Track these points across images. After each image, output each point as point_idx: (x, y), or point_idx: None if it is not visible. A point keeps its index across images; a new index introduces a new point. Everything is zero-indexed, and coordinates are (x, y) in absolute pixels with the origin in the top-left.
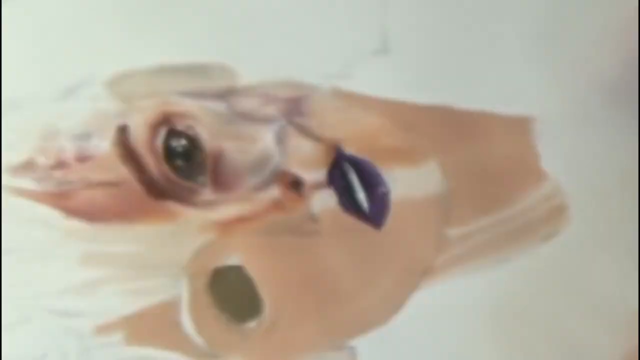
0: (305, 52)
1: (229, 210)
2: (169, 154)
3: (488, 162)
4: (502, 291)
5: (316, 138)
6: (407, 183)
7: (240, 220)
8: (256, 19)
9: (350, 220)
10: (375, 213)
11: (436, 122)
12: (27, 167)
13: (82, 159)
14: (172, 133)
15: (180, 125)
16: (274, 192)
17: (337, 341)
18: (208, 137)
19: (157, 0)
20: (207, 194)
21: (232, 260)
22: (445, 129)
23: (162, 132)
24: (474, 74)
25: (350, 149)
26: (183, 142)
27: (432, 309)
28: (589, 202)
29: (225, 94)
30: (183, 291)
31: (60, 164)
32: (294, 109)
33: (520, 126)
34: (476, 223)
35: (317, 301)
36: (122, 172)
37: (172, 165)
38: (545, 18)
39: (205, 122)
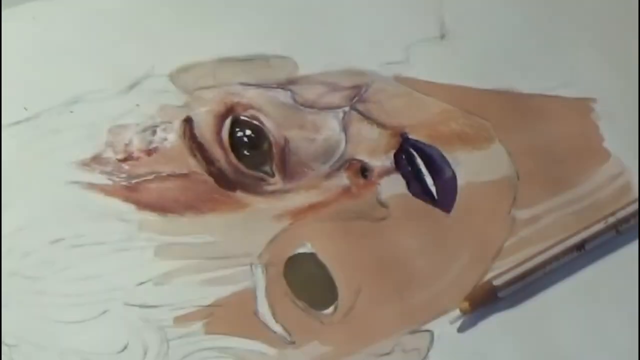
0: (364, 40)
1: (299, 198)
2: (235, 144)
3: (552, 144)
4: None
5: (380, 124)
6: (474, 167)
7: (311, 208)
8: (315, 9)
9: (419, 205)
10: (443, 197)
11: (499, 106)
12: (96, 161)
13: (150, 151)
14: (237, 123)
15: (244, 115)
16: (343, 179)
17: (413, 325)
18: (273, 126)
19: None
20: (275, 183)
21: (306, 247)
22: (509, 113)
23: (227, 123)
24: (534, 58)
25: (414, 135)
26: (248, 131)
27: None
28: None
29: (287, 84)
30: (258, 280)
31: (129, 157)
32: (357, 96)
33: (582, 108)
34: (544, 205)
35: (392, 286)
36: (191, 163)
37: (239, 155)
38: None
39: (269, 112)
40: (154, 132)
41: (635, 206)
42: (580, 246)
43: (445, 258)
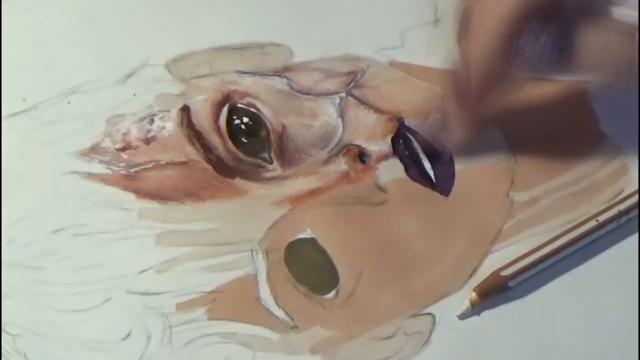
0: (359, 26)
1: (298, 184)
2: (233, 132)
3: (548, 127)
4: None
5: (377, 109)
6: (472, 151)
7: (311, 193)
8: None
9: (417, 189)
10: (441, 181)
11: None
12: (95, 151)
13: (147, 140)
14: (234, 111)
15: (241, 103)
16: (341, 164)
17: (415, 309)
18: (270, 113)
19: None
20: (274, 169)
21: (306, 233)
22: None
23: (224, 111)
24: None
25: (411, 119)
26: (245, 119)
27: None
28: None
29: (283, 71)
30: (259, 266)
31: (127, 147)
32: (353, 82)
33: (577, 91)
34: (542, 187)
35: (392, 269)
36: (189, 151)
37: (237, 142)
38: None
39: (265, 99)
40: (152, 121)
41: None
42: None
43: (444, 241)
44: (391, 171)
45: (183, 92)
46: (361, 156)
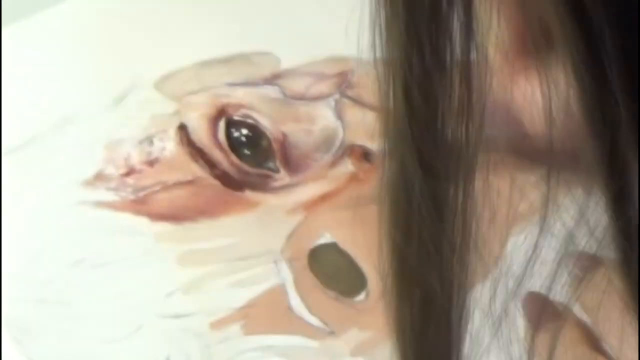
0: (340, 27)
1: (309, 190)
2: (234, 145)
3: None
4: None
5: (373, 107)
6: None
7: (323, 198)
8: (289, 3)
9: None
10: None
11: None
12: (99, 179)
13: (151, 162)
14: (232, 124)
15: (237, 115)
16: (348, 166)
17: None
18: (268, 122)
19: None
20: (282, 178)
21: (325, 238)
22: None
23: (222, 125)
24: None
25: None
26: (244, 131)
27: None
28: None
29: (273, 79)
30: (286, 275)
31: (131, 171)
32: (344, 82)
33: None
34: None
35: None
36: (194, 169)
37: (240, 155)
38: None
39: (261, 109)
40: (151, 143)
41: None
42: None
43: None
44: None
45: (177, 111)
46: (366, 156)
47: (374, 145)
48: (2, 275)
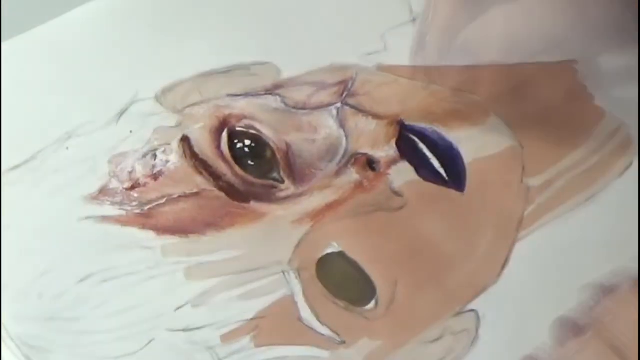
0: (339, 35)
1: (315, 200)
2: (237, 156)
3: (547, 110)
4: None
5: (375, 115)
6: (477, 143)
7: (329, 207)
8: (286, 12)
9: (433, 189)
10: (453, 177)
11: (485, 79)
12: (104, 193)
13: (155, 176)
14: (234, 135)
15: (239, 126)
16: (353, 175)
17: (457, 307)
18: (270, 132)
19: (188, 10)
20: (287, 188)
21: (333, 247)
22: (496, 85)
23: (224, 136)
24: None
25: (410, 120)
26: (247, 141)
27: (538, 259)
28: None
29: (274, 89)
30: (294, 286)
31: (136, 185)
32: (345, 91)
33: (566, 71)
34: (553, 169)
35: (426, 271)
36: (199, 181)
37: (244, 166)
38: None
39: (263, 119)
40: (155, 156)
41: None
42: None
43: (470, 236)
44: (403, 175)
45: (179, 123)
46: (370, 164)
47: (377, 152)
48: (8, 292)
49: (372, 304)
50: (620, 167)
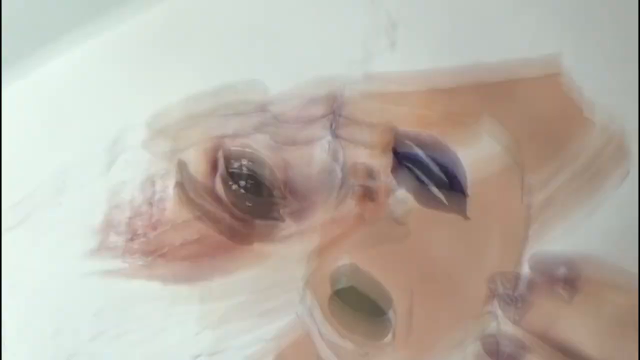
0: (322, 48)
1: (318, 236)
2: (236, 176)
3: (539, 124)
4: None
5: (367, 144)
6: (473, 163)
7: (334, 242)
8: (266, 29)
9: (434, 214)
10: (453, 202)
11: (473, 81)
12: (105, 247)
13: (154, 225)
14: (231, 156)
15: (234, 146)
16: (353, 207)
17: (476, 313)
18: (266, 149)
19: (170, 35)
20: (288, 227)
21: (342, 282)
22: (485, 85)
23: (220, 157)
24: (491, 27)
25: (405, 127)
26: (244, 161)
27: None
28: None
29: (263, 106)
30: (310, 323)
31: (135, 236)
32: (333, 122)
33: (550, 66)
34: (552, 184)
35: (440, 294)
36: (199, 227)
37: (242, 207)
38: None
39: (257, 136)
40: (153, 183)
41: None
42: None
43: (477, 258)
44: (403, 203)
45: (173, 148)
46: (368, 195)
47: (374, 182)
48: (20, 355)
49: (389, 337)
50: (620, 175)
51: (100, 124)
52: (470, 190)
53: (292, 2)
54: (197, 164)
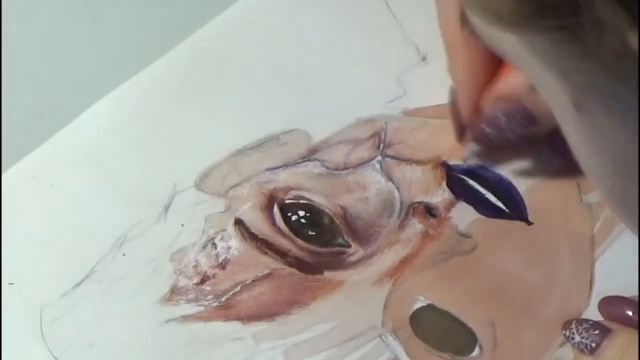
0: (358, 89)
1: (387, 258)
2: (296, 229)
3: None
4: None
5: (418, 161)
6: (525, 170)
7: (404, 263)
8: (304, 77)
9: (499, 224)
10: (513, 208)
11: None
12: (176, 293)
13: (222, 265)
14: (286, 208)
15: (288, 199)
16: (416, 225)
17: (559, 337)
18: (322, 199)
19: (206, 92)
20: (355, 252)
21: (420, 302)
22: None
23: (276, 212)
24: None
25: (453, 159)
26: (301, 212)
27: (621, 273)
28: None
29: (310, 154)
30: (395, 348)
31: (205, 278)
32: (381, 143)
33: None
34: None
35: (518, 308)
36: (267, 262)
37: (305, 237)
38: None
39: (310, 187)
40: (215, 245)
41: None
42: None
43: (549, 264)
44: (465, 215)
45: (227, 207)
46: (429, 211)
47: (433, 198)
48: None
49: (476, 351)
50: None
51: (148, 185)
52: (527, 196)
53: (324, 41)
54: (255, 221)
